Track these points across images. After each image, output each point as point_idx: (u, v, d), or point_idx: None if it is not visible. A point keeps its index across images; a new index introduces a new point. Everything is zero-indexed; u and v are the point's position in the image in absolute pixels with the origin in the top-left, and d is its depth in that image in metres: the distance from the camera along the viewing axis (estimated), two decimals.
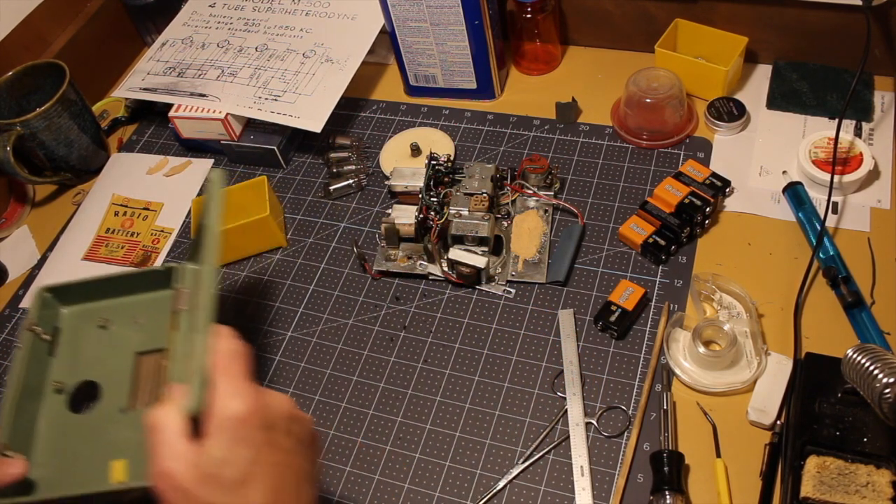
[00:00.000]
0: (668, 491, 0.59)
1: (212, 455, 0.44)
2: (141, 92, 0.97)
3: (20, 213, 0.98)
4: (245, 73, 0.95)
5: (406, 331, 0.76)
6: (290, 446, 0.47)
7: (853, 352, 0.55)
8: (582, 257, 0.78)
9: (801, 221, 0.76)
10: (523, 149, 0.89)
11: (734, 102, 0.86)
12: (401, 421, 0.70)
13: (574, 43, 0.99)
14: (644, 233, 0.76)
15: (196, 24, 1.04)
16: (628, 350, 0.71)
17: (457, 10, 0.85)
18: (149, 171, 0.97)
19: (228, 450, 0.44)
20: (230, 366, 0.47)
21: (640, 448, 0.65)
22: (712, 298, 0.71)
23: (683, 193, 0.76)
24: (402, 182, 0.82)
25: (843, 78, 0.86)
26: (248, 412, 0.45)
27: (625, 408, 0.67)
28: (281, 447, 0.46)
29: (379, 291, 0.80)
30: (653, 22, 0.92)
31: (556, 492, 0.64)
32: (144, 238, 0.90)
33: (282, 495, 0.45)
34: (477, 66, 0.91)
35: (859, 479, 0.57)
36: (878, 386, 0.52)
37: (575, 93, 0.90)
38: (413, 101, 0.97)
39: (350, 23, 0.98)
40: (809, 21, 0.85)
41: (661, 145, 0.85)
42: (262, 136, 0.93)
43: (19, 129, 0.90)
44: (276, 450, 0.46)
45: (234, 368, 0.47)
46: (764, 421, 0.64)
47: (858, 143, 0.78)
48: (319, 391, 0.73)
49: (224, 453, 0.44)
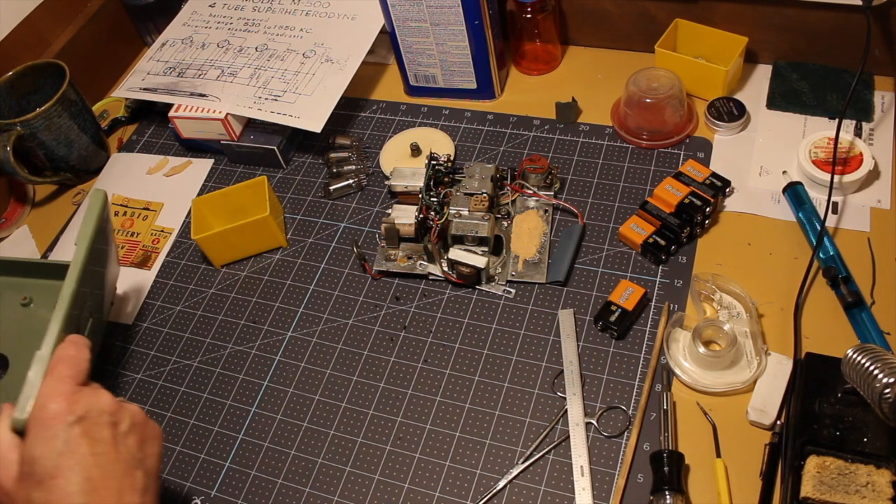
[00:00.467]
0: (668, 491, 0.59)
1: (27, 454, 0.49)
2: (141, 92, 0.97)
3: (20, 213, 0.98)
4: (245, 73, 0.95)
5: (406, 331, 0.76)
6: (110, 437, 0.50)
7: (853, 352, 0.55)
8: (582, 257, 0.78)
9: (801, 221, 0.76)
10: (523, 149, 0.89)
11: (734, 102, 0.86)
12: (401, 421, 0.70)
13: (574, 43, 0.99)
14: (644, 233, 0.76)
15: (196, 24, 1.04)
16: (628, 350, 0.71)
17: (457, 10, 0.85)
18: (149, 170, 0.97)
19: (40, 446, 0.48)
20: (55, 369, 0.52)
21: (640, 448, 0.65)
22: (712, 298, 0.71)
23: (683, 193, 0.76)
24: (402, 182, 0.82)
25: (843, 78, 0.86)
26: (60, 410, 0.49)
27: (625, 408, 0.67)
28: (99, 439, 0.50)
29: (379, 291, 0.80)
30: (653, 22, 0.92)
31: (556, 492, 0.64)
32: (144, 238, 0.90)
33: (104, 482, 0.49)
34: (477, 66, 0.91)
35: (859, 479, 0.57)
36: (878, 386, 0.52)
37: (575, 93, 0.90)
38: (413, 101, 0.97)
39: (350, 23, 0.98)
40: (809, 21, 0.85)
41: (661, 145, 0.85)
42: (262, 136, 0.93)
43: (19, 129, 0.90)
44: (92, 441, 0.49)
45: (59, 372, 0.51)
46: (764, 421, 0.64)
47: (858, 143, 0.78)
48: (319, 391, 0.73)
49: (36, 451, 0.48)
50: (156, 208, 0.93)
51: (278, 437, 0.71)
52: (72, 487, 0.48)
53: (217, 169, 0.95)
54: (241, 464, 0.70)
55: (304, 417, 0.72)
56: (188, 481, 0.70)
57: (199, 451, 0.72)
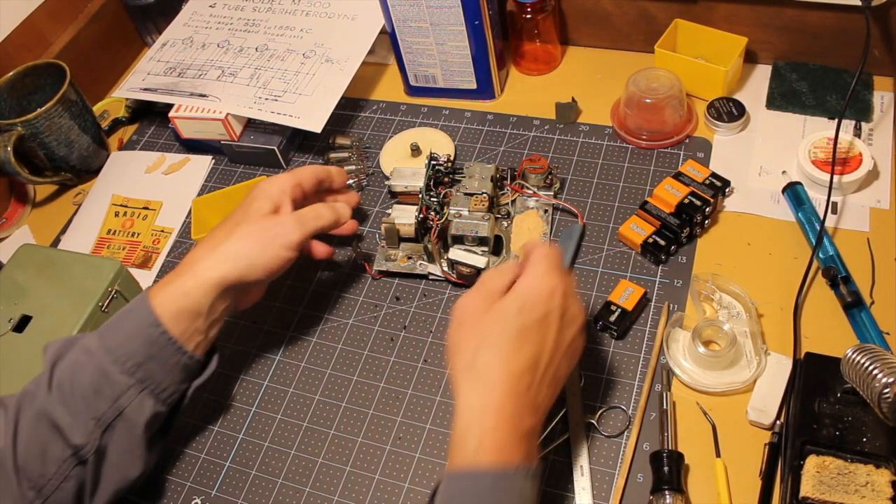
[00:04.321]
0: (667, 491, 0.59)
1: (503, 306, 0.56)
2: (141, 92, 0.97)
3: (21, 214, 0.98)
4: (245, 73, 0.95)
5: (406, 331, 0.76)
6: (559, 326, 0.57)
7: (853, 352, 0.55)
8: (582, 257, 0.78)
9: (800, 221, 0.76)
10: (523, 149, 0.89)
11: (734, 102, 0.86)
12: (401, 421, 0.70)
13: (574, 43, 0.99)
14: (644, 233, 0.76)
15: (196, 24, 1.04)
16: (628, 350, 0.71)
17: (457, 10, 0.85)
18: (147, 169, 0.97)
19: (516, 308, 0.55)
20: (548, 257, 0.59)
21: (640, 448, 0.65)
22: (712, 298, 0.72)
23: (683, 193, 0.76)
24: (402, 182, 0.82)
25: (842, 78, 0.86)
26: (543, 290, 0.56)
27: (625, 408, 0.67)
28: (551, 324, 0.56)
29: (379, 291, 0.80)
30: (653, 22, 0.92)
31: (557, 492, 0.64)
32: (145, 238, 0.90)
33: (542, 355, 0.55)
34: (477, 66, 0.91)
35: (859, 478, 0.57)
36: (878, 386, 0.52)
37: (575, 93, 0.90)
38: (413, 101, 0.98)
39: (350, 23, 0.98)
40: (809, 21, 0.85)
41: (661, 145, 0.85)
42: (262, 136, 0.93)
43: (20, 129, 0.90)
44: (547, 323, 0.56)
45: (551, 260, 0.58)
46: (764, 421, 0.64)
47: (858, 143, 0.78)
48: (319, 391, 0.74)
49: (513, 306, 0.56)
50: (155, 207, 0.93)
51: (278, 436, 0.71)
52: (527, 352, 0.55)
53: (217, 169, 0.95)
54: (241, 464, 0.70)
55: (304, 417, 0.72)
56: (188, 481, 0.70)
57: (200, 451, 0.72)
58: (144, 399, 0.62)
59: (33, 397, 0.61)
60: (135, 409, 0.62)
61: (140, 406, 0.62)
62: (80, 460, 0.60)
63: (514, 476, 0.52)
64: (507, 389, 0.53)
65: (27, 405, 0.61)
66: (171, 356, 0.63)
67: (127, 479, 0.63)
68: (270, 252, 0.66)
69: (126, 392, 0.61)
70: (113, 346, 0.62)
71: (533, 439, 0.55)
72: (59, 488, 0.60)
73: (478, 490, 0.51)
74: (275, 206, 0.69)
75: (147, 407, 0.62)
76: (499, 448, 0.52)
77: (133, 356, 0.61)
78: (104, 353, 0.61)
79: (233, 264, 0.65)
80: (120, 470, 0.63)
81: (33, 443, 0.60)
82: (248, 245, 0.66)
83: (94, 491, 0.62)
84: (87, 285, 0.76)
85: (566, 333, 0.57)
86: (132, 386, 0.62)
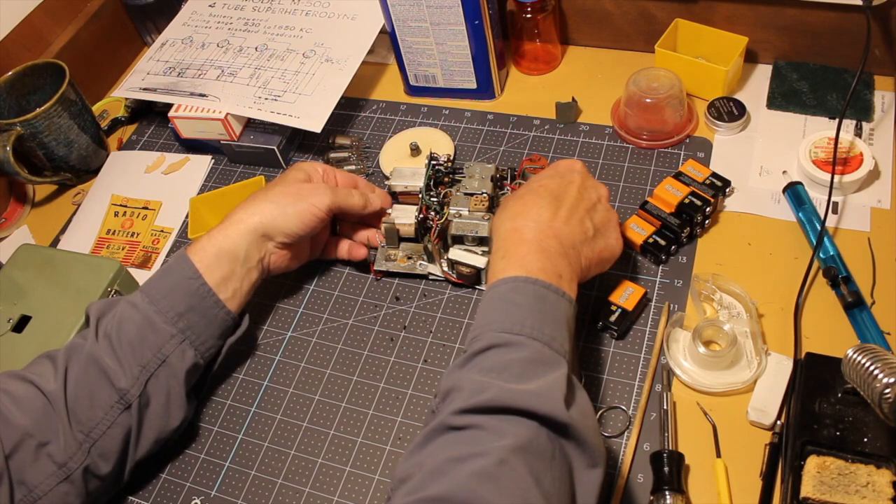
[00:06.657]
0: (668, 491, 0.59)
1: (542, 183, 0.67)
2: (141, 92, 0.97)
3: (20, 213, 0.98)
4: (245, 73, 0.95)
5: (406, 331, 0.76)
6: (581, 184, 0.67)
7: (853, 352, 0.54)
8: None
9: (801, 221, 0.76)
10: (523, 149, 0.89)
11: (734, 102, 0.86)
12: (401, 421, 0.70)
13: (574, 43, 0.99)
14: (644, 233, 0.76)
15: (196, 24, 1.04)
16: (628, 350, 0.71)
17: (457, 10, 0.85)
18: (146, 169, 0.97)
19: (537, 177, 0.69)
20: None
21: (640, 448, 0.65)
22: (712, 298, 0.71)
23: (683, 193, 0.76)
24: (402, 182, 0.82)
25: (843, 78, 0.86)
26: (561, 163, 0.70)
27: (625, 408, 0.67)
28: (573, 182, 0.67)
29: (379, 291, 0.80)
30: (653, 22, 0.92)
31: None
32: (144, 238, 0.90)
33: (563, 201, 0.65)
34: (477, 66, 0.91)
35: (859, 479, 0.57)
36: (879, 386, 0.52)
37: (575, 93, 0.90)
38: (413, 101, 0.97)
39: (350, 23, 0.98)
40: (809, 21, 0.85)
41: (661, 145, 0.85)
42: (261, 136, 0.93)
43: (19, 129, 0.90)
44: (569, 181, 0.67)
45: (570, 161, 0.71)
46: (764, 421, 0.64)
47: (859, 143, 0.78)
48: (319, 391, 0.73)
49: (535, 179, 0.69)
50: (154, 207, 0.93)
51: (278, 437, 0.71)
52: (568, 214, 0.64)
53: (217, 169, 0.95)
54: (241, 464, 0.70)
55: (304, 417, 0.72)
56: (188, 481, 0.70)
57: (199, 451, 0.72)
58: (186, 349, 0.67)
59: (81, 347, 0.65)
60: (177, 358, 0.66)
61: (182, 356, 0.67)
62: (126, 405, 0.64)
63: (556, 290, 0.59)
64: (536, 233, 0.62)
65: (76, 354, 0.65)
66: (210, 308, 0.68)
67: (168, 427, 0.67)
68: (303, 205, 0.72)
69: (169, 341, 0.66)
70: (157, 298, 0.67)
71: (570, 283, 0.61)
72: (106, 434, 0.63)
73: (526, 289, 0.58)
74: (309, 178, 0.76)
75: (188, 357, 0.67)
76: (539, 269, 0.59)
77: (175, 306, 0.67)
78: (149, 304, 0.66)
79: (268, 211, 0.71)
80: (162, 418, 0.66)
81: (82, 387, 0.63)
82: (283, 198, 0.72)
83: (138, 438, 0.66)
84: (86, 285, 0.76)
85: (589, 192, 0.67)
86: (174, 335, 0.66)
